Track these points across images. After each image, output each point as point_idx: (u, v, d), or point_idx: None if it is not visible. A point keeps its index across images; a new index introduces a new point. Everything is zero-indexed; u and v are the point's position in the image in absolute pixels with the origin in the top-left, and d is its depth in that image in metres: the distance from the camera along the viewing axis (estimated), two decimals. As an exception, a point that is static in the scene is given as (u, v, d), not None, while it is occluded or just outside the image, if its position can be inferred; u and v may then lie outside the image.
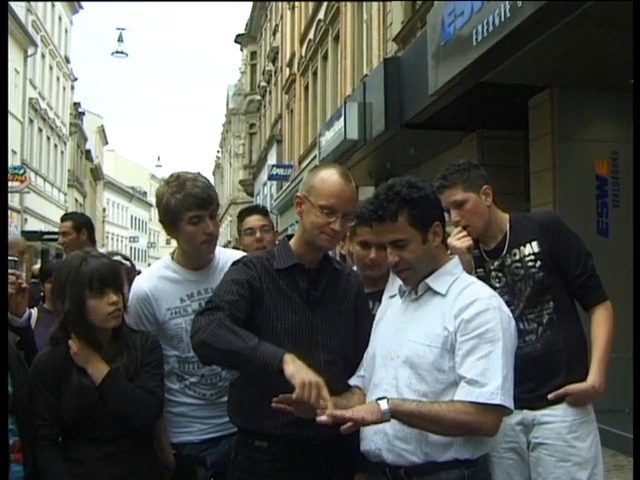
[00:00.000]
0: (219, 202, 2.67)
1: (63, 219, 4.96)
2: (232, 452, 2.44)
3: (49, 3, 31.81)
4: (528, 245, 2.61)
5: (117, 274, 2.43)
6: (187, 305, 2.63)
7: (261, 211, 3.91)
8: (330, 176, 2.28)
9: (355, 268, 2.85)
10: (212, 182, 2.84)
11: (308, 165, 17.22)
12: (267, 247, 3.46)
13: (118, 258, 3.37)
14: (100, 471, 2.30)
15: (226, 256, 2.74)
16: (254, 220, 3.74)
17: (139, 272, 3.59)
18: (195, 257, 2.65)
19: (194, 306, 2.61)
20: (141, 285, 2.66)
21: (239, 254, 2.76)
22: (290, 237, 2.43)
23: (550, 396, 2.50)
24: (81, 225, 4.75)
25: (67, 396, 2.32)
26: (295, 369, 1.99)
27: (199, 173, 2.66)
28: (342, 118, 10.25)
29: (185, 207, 2.50)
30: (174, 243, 2.79)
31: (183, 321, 2.61)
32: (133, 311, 2.60)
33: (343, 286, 2.42)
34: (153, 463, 2.47)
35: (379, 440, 2.06)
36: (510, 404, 1.97)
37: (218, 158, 56.13)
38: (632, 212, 3.96)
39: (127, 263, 3.62)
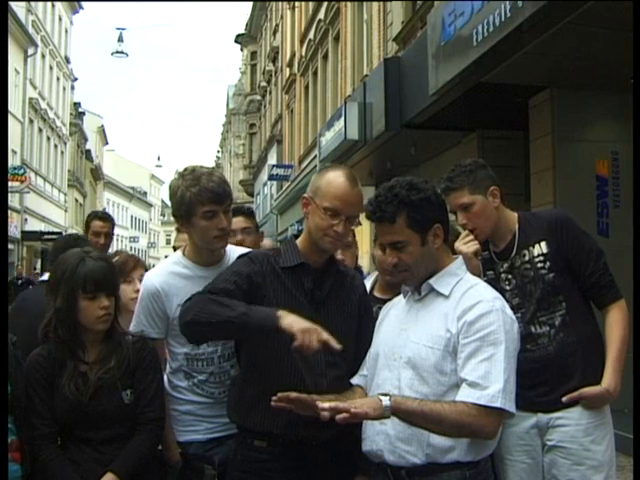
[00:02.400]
0: (233, 197, 2.65)
1: (102, 218, 4.47)
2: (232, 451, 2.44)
3: (49, 3, 31.80)
4: (537, 246, 2.57)
5: (112, 279, 2.43)
6: None
7: (245, 212, 3.78)
8: (336, 178, 2.28)
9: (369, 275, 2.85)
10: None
11: (308, 165, 17.21)
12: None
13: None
14: (95, 473, 2.30)
15: (236, 252, 2.70)
16: (237, 222, 3.63)
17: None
18: (207, 252, 2.62)
19: None
20: (152, 280, 2.63)
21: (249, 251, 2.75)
22: (297, 236, 2.42)
23: (564, 399, 2.47)
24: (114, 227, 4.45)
25: (60, 394, 2.33)
26: (292, 319, 2.05)
27: (214, 168, 2.63)
28: (342, 118, 10.24)
29: (200, 201, 2.47)
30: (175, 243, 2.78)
31: None
32: (143, 306, 2.59)
33: (347, 288, 2.42)
34: (153, 464, 2.46)
35: (381, 441, 2.06)
36: (511, 408, 1.96)
37: (218, 158, 56.10)
38: (632, 212, 3.95)
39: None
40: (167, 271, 2.65)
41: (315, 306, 2.31)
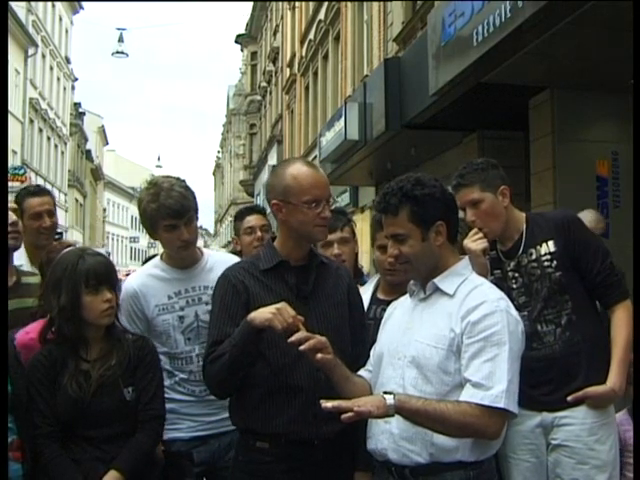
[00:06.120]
0: (197, 207, 2.75)
1: (40, 193, 3.48)
2: (233, 453, 2.45)
3: (49, 3, 31.82)
4: (544, 245, 2.59)
5: (112, 272, 2.48)
6: (174, 302, 2.74)
7: (260, 211, 3.94)
8: (300, 171, 2.29)
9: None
10: (212, 183, 2.87)
11: (308, 165, 17.18)
12: None
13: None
14: (97, 471, 2.31)
15: (215, 257, 2.87)
16: (255, 219, 3.79)
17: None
18: (178, 258, 2.78)
19: (181, 303, 2.74)
20: (131, 283, 2.80)
21: (229, 259, 2.80)
22: (274, 239, 2.43)
23: (569, 398, 2.47)
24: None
25: (62, 393, 2.33)
26: (256, 315, 2.08)
27: (178, 179, 2.74)
28: (342, 118, 10.24)
29: (160, 216, 2.63)
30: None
31: (170, 317, 2.73)
32: (124, 308, 2.69)
33: (333, 279, 2.42)
34: (152, 462, 2.49)
35: (385, 440, 2.06)
36: (514, 408, 1.96)
37: (218, 158, 56.16)
38: (632, 212, 3.95)
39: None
40: (145, 274, 2.82)
41: (303, 300, 2.31)
